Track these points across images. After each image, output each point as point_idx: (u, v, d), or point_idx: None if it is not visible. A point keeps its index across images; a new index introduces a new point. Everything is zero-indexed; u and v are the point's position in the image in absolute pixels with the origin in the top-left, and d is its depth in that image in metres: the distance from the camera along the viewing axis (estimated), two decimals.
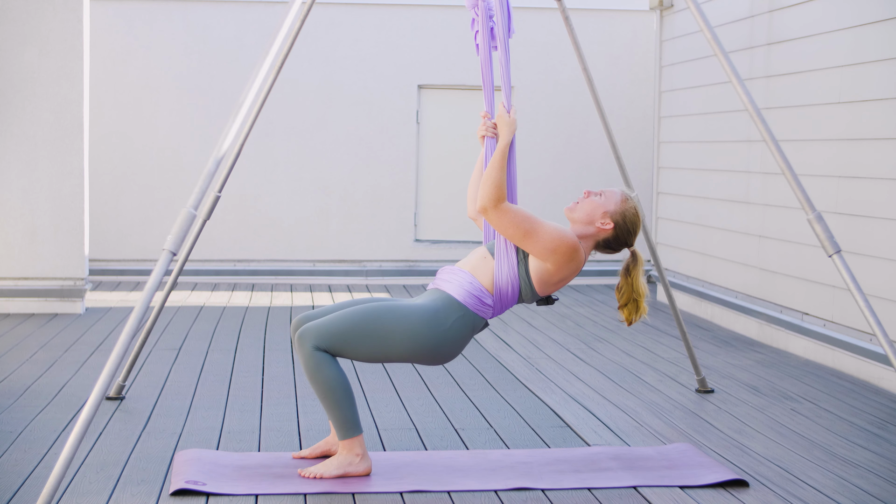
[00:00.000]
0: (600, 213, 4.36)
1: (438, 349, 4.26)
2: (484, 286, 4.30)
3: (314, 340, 4.19)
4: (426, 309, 4.24)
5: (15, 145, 8.36)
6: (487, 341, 7.57)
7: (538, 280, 4.28)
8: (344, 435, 4.30)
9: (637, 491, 4.32)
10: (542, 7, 10.77)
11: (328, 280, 10.70)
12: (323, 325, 4.20)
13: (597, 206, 4.37)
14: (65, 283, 8.47)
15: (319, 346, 4.20)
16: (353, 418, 4.27)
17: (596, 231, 4.36)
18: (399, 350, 4.22)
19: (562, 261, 4.23)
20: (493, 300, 4.31)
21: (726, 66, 4.97)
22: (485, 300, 4.30)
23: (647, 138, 10.94)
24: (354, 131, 10.81)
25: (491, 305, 4.32)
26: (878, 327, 4.47)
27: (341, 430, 4.29)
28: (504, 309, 4.38)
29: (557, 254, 4.22)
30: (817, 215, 4.71)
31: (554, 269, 4.25)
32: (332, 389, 4.21)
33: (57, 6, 8.31)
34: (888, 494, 4.36)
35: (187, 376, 6.34)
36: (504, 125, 4.37)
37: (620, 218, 4.36)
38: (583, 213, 4.37)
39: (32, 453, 4.72)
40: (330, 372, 4.20)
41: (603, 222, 4.34)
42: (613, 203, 4.37)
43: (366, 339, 4.20)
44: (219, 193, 5.69)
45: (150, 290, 4.08)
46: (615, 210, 4.36)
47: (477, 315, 4.30)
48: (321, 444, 4.59)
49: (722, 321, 8.51)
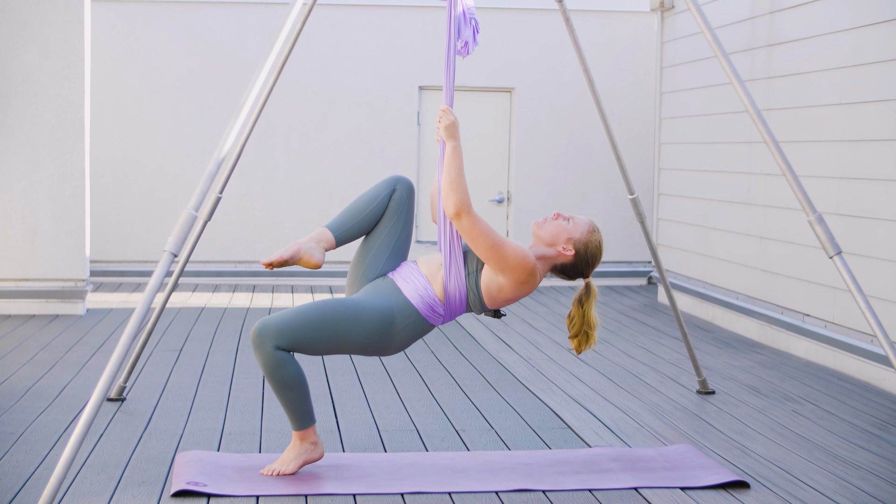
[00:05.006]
0: (564, 237, 4.35)
1: (387, 348, 4.34)
2: (437, 295, 4.31)
3: (274, 340, 4.19)
4: (381, 311, 4.27)
5: (16, 146, 8.36)
6: (488, 342, 7.57)
7: (487, 293, 4.29)
8: (300, 426, 4.35)
9: (638, 492, 4.33)
10: (543, 8, 10.78)
11: (329, 281, 10.71)
12: (283, 322, 4.20)
13: (563, 230, 4.36)
14: (66, 284, 8.48)
15: (279, 346, 4.20)
16: (308, 410, 4.34)
17: (556, 254, 4.35)
18: (351, 346, 4.29)
19: (518, 279, 4.23)
20: (444, 309, 4.32)
21: (727, 68, 4.97)
22: (436, 309, 4.32)
23: (648, 139, 10.94)
24: (355, 132, 10.81)
25: (441, 315, 4.34)
26: (879, 328, 4.47)
27: (298, 422, 4.34)
28: (453, 317, 4.40)
29: (516, 272, 4.21)
30: (818, 216, 4.71)
31: (507, 286, 4.24)
32: (291, 387, 4.25)
33: (58, 7, 8.32)
34: (889, 496, 4.36)
35: (188, 378, 6.35)
36: (444, 127, 4.32)
37: (583, 247, 4.36)
38: (548, 233, 4.36)
39: (33, 454, 4.73)
40: (291, 369, 4.24)
41: (565, 247, 4.34)
42: (580, 231, 4.37)
43: (322, 336, 4.23)
44: (220, 195, 5.69)
45: (151, 292, 4.08)
46: (579, 238, 4.36)
47: (427, 321, 4.33)
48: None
49: (723, 322, 8.51)
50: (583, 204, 11.01)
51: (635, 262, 11.05)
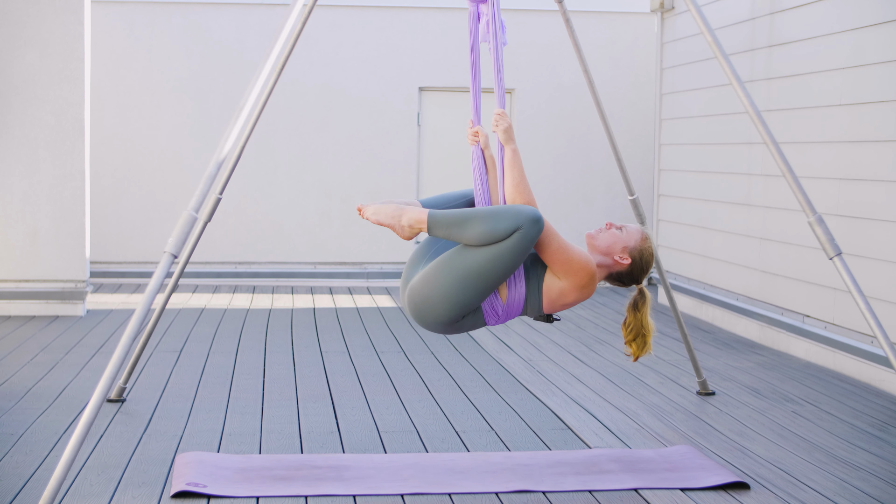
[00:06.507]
0: (620, 246, 4.37)
1: (445, 325, 4.19)
2: (500, 295, 4.30)
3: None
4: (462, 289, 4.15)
5: (16, 147, 8.36)
6: (488, 343, 7.57)
7: (548, 297, 4.28)
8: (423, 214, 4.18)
9: (638, 493, 4.33)
10: (543, 9, 10.78)
11: (329, 282, 10.71)
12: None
13: (618, 239, 4.38)
14: (66, 285, 8.48)
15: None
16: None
17: (613, 263, 4.37)
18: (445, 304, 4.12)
19: (579, 283, 4.23)
20: (503, 310, 4.30)
21: (727, 69, 4.98)
22: (496, 308, 4.30)
23: (648, 140, 10.95)
24: (355, 133, 10.81)
25: (499, 315, 4.32)
26: (879, 329, 4.47)
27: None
28: (508, 319, 4.39)
29: (579, 275, 4.22)
30: (818, 217, 4.71)
31: (568, 289, 4.24)
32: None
33: (58, 8, 8.32)
34: (889, 496, 4.36)
35: (188, 379, 6.35)
36: (502, 130, 4.38)
37: (638, 255, 4.39)
38: (604, 243, 4.38)
39: (33, 456, 4.73)
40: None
41: (621, 256, 4.36)
42: (634, 240, 4.40)
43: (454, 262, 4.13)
44: (220, 196, 5.69)
45: (151, 293, 4.09)
46: (634, 246, 4.39)
47: (484, 318, 4.31)
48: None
49: (723, 323, 8.51)
50: (583, 205, 11.01)
51: None
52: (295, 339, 7.70)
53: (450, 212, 4.12)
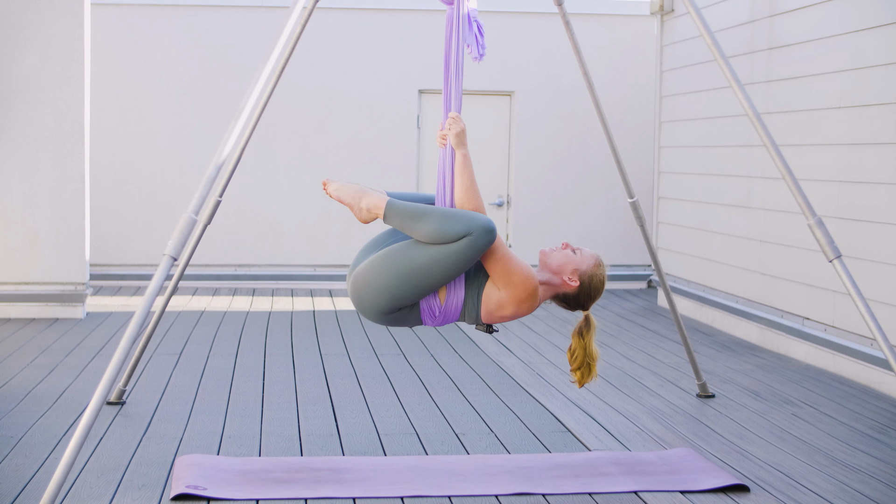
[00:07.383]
0: (571, 268, 4.35)
1: (380, 314, 4.23)
2: (439, 297, 4.29)
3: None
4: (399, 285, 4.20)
5: (16, 150, 8.36)
6: (488, 346, 7.57)
7: (486, 306, 4.27)
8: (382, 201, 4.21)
9: (638, 496, 4.32)
10: (543, 12, 10.78)
11: (329, 285, 10.70)
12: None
13: (571, 260, 4.36)
14: (65, 287, 8.47)
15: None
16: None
17: (561, 283, 4.35)
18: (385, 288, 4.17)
19: (518, 297, 4.22)
20: (440, 312, 4.30)
21: (726, 71, 4.98)
22: (434, 309, 4.29)
23: (647, 143, 10.95)
24: (355, 136, 10.81)
25: (436, 316, 4.32)
26: (879, 332, 4.47)
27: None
28: (445, 322, 4.38)
29: (518, 289, 4.21)
30: (818, 220, 4.71)
31: (506, 302, 4.22)
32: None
33: (58, 11, 8.32)
34: (889, 499, 4.35)
35: (188, 381, 6.35)
36: (454, 134, 4.28)
37: (588, 280, 4.36)
38: (556, 262, 4.35)
39: (33, 458, 4.72)
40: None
41: (570, 278, 4.33)
42: (587, 264, 4.37)
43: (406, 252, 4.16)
44: (220, 198, 5.69)
45: (150, 295, 4.08)
46: (585, 271, 4.36)
47: (420, 316, 4.29)
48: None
49: (723, 326, 8.51)
50: (582, 207, 11.01)
51: (635, 266, 11.05)
52: (295, 341, 7.70)
53: (408, 204, 4.16)
